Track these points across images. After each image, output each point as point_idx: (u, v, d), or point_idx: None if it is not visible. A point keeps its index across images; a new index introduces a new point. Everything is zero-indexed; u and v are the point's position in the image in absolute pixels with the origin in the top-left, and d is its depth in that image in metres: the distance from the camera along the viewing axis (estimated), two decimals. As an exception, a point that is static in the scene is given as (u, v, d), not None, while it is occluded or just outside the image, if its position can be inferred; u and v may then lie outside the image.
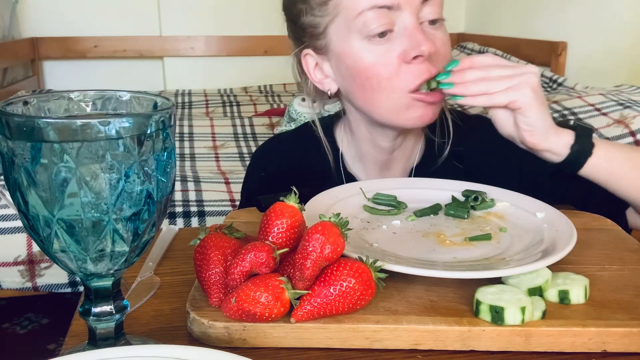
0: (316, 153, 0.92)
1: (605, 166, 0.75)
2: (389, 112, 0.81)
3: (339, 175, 0.92)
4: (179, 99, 2.99)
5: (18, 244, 1.56)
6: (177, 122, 2.44)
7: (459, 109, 0.99)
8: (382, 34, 0.76)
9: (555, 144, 0.75)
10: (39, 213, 0.40)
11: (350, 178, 0.92)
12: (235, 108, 2.85)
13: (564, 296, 0.54)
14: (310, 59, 0.86)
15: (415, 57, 0.75)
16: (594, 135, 0.76)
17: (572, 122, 0.77)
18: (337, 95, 0.87)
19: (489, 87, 0.72)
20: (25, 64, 3.09)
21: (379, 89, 0.78)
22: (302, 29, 0.83)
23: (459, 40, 3.23)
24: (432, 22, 0.78)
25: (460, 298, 0.55)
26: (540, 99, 0.73)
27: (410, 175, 0.91)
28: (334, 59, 0.82)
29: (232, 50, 3.35)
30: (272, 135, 1.08)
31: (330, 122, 0.95)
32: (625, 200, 0.79)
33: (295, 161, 0.95)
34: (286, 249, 0.52)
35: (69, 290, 1.63)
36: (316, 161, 0.93)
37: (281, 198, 0.54)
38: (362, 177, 0.92)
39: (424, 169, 0.90)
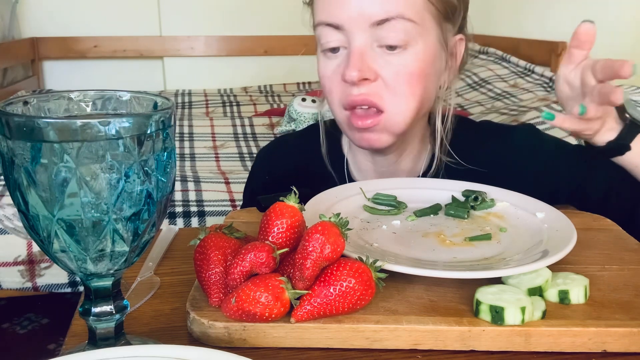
0: (320, 157, 0.92)
1: (635, 161, 0.78)
2: (342, 126, 0.83)
3: (343, 180, 0.92)
4: (179, 99, 2.99)
5: (18, 244, 1.57)
6: (177, 122, 2.44)
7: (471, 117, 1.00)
8: (333, 50, 0.77)
9: (597, 139, 0.77)
10: (39, 213, 0.40)
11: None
12: (235, 108, 2.85)
13: (564, 296, 0.54)
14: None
15: (344, 78, 0.76)
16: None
17: (627, 115, 0.77)
18: None
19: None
20: (25, 64, 3.09)
21: (329, 100, 0.81)
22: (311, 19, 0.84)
23: (459, 40, 3.22)
24: (391, 47, 0.75)
25: (460, 298, 0.55)
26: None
27: None
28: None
29: (232, 50, 3.35)
30: (279, 136, 1.07)
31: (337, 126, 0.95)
32: None
33: (300, 164, 0.95)
34: (286, 249, 0.52)
35: (69, 290, 1.63)
36: (322, 165, 0.92)
37: (281, 198, 0.54)
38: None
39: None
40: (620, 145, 0.77)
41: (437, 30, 0.78)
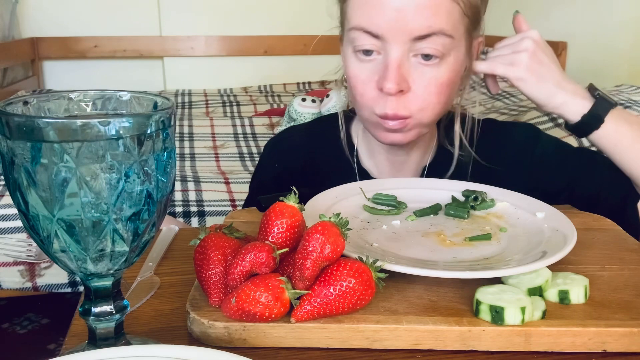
0: (330, 147, 0.93)
1: (613, 137, 0.81)
2: (366, 123, 0.84)
3: (353, 169, 0.93)
4: (179, 99, 2.99)
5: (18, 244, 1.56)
6: (177, 122, 2.44)
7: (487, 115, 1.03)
8: (367, 52, 0.77)
9: (565, 110, 0.81)
10: (39, 213, 0.40)
11: (364, 173, 0.92)
12: (235, 108, 2.85)
13: (564, 296, 0.54)
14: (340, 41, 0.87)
15: (382, 89, 0.76)
16: (615, 107, 0.81)
17: (597, 93, 0.81)
18: None
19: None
20: (25, 64, 3.09)
21: (357, 100, 0.81)
22: (339, 14, 0.84)
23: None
24: (427, 56, 0.75)
25: (460, 298, 0.55)
26: (536, 67, 0.80)
27: (422, 175, 0.91)
28: (342, 53, 0.83)
29: (232, 50, 3.35)
30: (286, 128, 1.08)
31: (346, 117, 0.95)
32: (629, 175, 0.83)
33: (309, 154, 0.95)
34: (286, 249, 0.52)
35: (69, 290, 1.63)
36: (330, 155, 0.93)
37: (281, 198, 0.54)
38: (375, 172, 0.93)
39: (437, 169, 0.90)
40: (595, 117, 0.80)
41: (467, 40, 0.79)
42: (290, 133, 1.03)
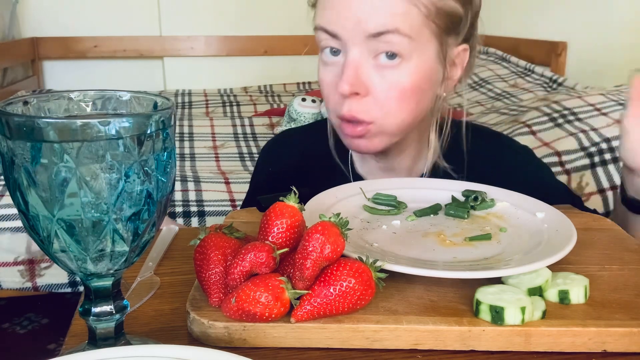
0: (326, 151, 0.93)
1: None
2: (336, 129, 0.84)
3: (348, 175, 0.92)
4: (179, 99, 2.99)
5: (18, 244, 1.56)
6: (177, 122, 2.44)
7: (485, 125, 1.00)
8: (333, 53, 0.78)
9: None
10: (39, 213, 0.40)
11: (358, 179, 0.92)
12: (235, 108, 2.85)
13: (564, 296, 0.54)
14: None
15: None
16: None
17: None
18: None
19: None
20: (25, 64, 3.09)
21: (326, 106, 0.82)
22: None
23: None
24: (389, 56, 0.74)
25: (460, 298, 0.55)
26: None
27: None
28: None
29: (232, 50, 3.35)
30: (283, 130, 1.08)
31: None
32: None
33: (304, 158, 0.95)
34: (286, 249, 0.52)
35: (69, 290, 1.63)
36: (326, 159, 0.93)
37: (281, 198, 0.54)
38: (368, 178, 0.92)
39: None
40: None
41: (436, 45, 0.77)
42: (286, 136, 1.03)
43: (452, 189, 0.77)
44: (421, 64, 0.76)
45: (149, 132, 0.41)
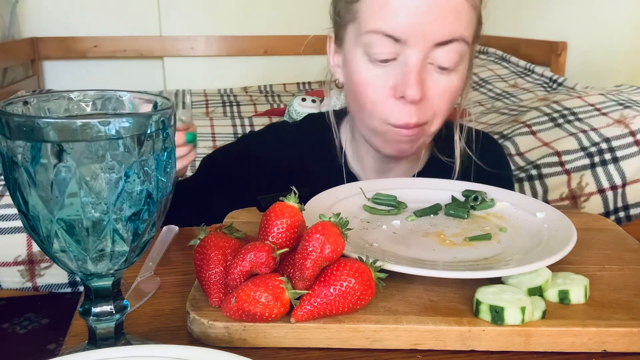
0: (318, 147, 0.92)
1: None
2: (369, 132, 0.82)
3: (340, 172, 0.92)
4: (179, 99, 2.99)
5: (18, 244, 1.56)
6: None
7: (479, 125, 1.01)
8: (383, 60, 0.75)
9: None
10: (39, 213, 0.40)
11: (351, 176, 0.91)
12: (235, 108, 2.85)
13: (564, 296, 0.54)
14: (331, 42, 0.86)
15: (402, 97, 0.74)
16: None
17: None
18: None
19: None
20: (25, 64, 3.09)
21: (364, 108, 0.78)
22: (335, 14, 0.83)
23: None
24: (443, 67, 0.74)
25: (460, 298, 0.55)
26: None
27: None
28: (343, 56, 0.82)
29: (232, 50, 3.35)
30: (274, 122, 1.05)
31: (337, 117, 0.93)
32: None
33: (297, 153, 0.93)
34: (286, 249, 0.52)
35: (69, 290, 1.63)
36: (318, 156, 0.92)
37: (281, 198, 0.54)
38: (362, 177, 0.92)
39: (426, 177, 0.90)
40: None
41: (473, 48, 0.79)
42: (278, 128, 0.99)
43: (452, 189, 0.77)
44: (464, 68, 0.78)
45: (149, 132, 0.41)
